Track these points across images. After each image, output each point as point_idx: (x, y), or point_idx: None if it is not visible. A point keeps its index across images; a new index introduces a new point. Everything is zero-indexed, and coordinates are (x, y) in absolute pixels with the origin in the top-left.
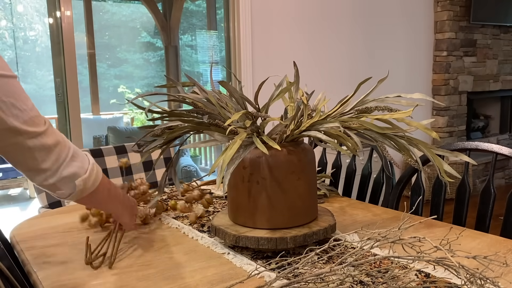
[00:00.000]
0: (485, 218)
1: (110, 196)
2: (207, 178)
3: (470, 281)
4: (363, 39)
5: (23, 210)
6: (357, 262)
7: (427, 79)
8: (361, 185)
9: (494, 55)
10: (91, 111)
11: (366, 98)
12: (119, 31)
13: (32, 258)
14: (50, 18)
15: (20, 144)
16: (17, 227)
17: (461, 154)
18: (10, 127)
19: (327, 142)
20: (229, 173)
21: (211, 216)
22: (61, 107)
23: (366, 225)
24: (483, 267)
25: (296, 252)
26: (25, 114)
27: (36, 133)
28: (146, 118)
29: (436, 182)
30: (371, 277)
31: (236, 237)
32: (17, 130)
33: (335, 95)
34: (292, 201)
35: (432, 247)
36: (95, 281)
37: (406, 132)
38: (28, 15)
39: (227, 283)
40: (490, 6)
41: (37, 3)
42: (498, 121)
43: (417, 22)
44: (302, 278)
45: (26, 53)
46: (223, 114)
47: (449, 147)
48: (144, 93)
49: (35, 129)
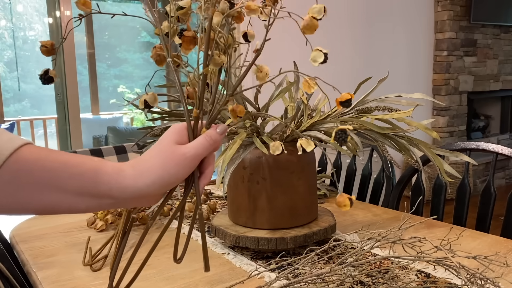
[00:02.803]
0: (486, 218)
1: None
2: None
3: (471, 281)
4: (363, 39)
5: None
6: (357, 263)
7: (428, 79)
8: (361, 185)
9: (495, 55)
10: (90, 111)
11: (366, 98)
12: (118, 31)
13: (31, 258)
14: (50, 18)
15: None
16: (17, 227)
17: (461, 154)
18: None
19: (327, 142)
20: (229, 173)
21: (211, 216)
22: (60, 107)
23: (366, 225)
24: (483, 267)
25: (296, 252)
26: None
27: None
28: (146, 118)
29: (437, 182)
30: (371, 278)
31: (236, 237)
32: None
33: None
34: (292, 201)
35: (432, 247)
36: (94, 281)
37: (406, 132)
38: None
39: (227, 283)
40: (490, 6)
41: (37, 3)
42: (499, 121)
43: (417, 22)
44: (302, 279)
45: (26, 53)
46: (223, 114)
47: (449, 147)
48: (144, 93)
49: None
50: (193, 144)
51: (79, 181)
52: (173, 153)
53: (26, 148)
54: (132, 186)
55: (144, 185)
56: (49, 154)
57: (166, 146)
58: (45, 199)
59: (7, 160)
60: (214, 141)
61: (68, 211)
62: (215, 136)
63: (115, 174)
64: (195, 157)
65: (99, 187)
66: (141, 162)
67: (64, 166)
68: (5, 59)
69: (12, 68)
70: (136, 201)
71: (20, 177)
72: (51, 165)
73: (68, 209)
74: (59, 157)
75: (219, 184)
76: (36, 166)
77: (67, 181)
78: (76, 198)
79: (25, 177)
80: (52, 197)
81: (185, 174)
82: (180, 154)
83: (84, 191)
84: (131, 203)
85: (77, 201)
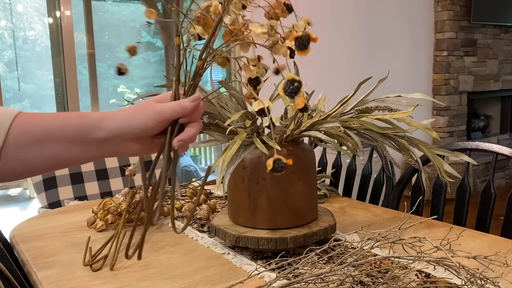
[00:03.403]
0: (486, 218)
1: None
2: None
3: (471, 281)
4: (363, 39)
5: (22, 210)
6: (357, 263)
7: (428, 79)
8: (361, 185)
9: (495, 55)
10: (90, 110)
11: (366, 98)
12: (118, 31)
13: (32, 258)
14: (50, 18)
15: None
16: (17, 227)
17: (461, 154)
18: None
19: (327, 142)
20: (229, 173)
21: (211, 216)
22: (60, 107)
23: (366, 225)
24: (483, 267)
25: (296, 252)
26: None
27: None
28: None
29: (437, 182)
30: (371, 277)
31: (236, 237)
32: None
33: (335, 95)
34: (292, 201)
35: (432, 247)
36: (95, 281)
37: (406, 132)
38: (28, 15)
39: (227, 283)
40: (490, 6)
41: (37, 3)
42: (499, 121)
43: (417, 22)
44: (302, 278)
45: (26, 53)
46: (223, 114)
47: (449, 147)
48: (144, 93)
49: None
50: (164, 104)
51: (69, 130)
52: (147, 105)
53: (21, 114)
54: (111, 125)
55: (118, 124)
56: (40, 115)
57: (145, 101)
58: (43, 152)
59: (11, 126)
60: (182, 106)
61: (64, 162)
62: (184, 102)
63: (97, 118)
64: (161, 113)
65: (86, 131)
66: (122, 109)
67: (54, 120)
68: (5, 59)
69: (12, 68)
70: (119, 145)
71: (21, 137)
72: (43, 122)
73: (64, 159)
74: (48, 115)
75: (219, 184)
76: (32, 126)
77: (58, 132)
78: (68, 147)
79: (25, 137)
80: (49, 149)
81: (152, 126)
82: (150, 106)
83: (74, 138)
84: (116, 147)
85: (70, 150)
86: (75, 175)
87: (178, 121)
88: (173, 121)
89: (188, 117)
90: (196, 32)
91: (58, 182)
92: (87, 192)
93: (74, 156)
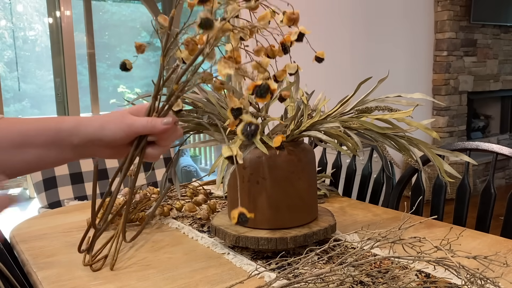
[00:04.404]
0: (486, 218)
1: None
2: (207, 178)
3: (471, 281)
4: (363, 39)
5: (22, 210)
6: (357, 263)
7: (428, 79)
8: (361, 185)
9: (495, 55)
10: (90, 111)
11: (366, 98)
12: (118, 31)
13: (32, 258)
14: (50, 18)
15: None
16: (17, 227)
17: (461, 154)
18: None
19: (327, 142)
20: (229, 173)
21: (211, 216)
22: (60, 107)
23: (366, 225)
24: (483, 267)
25: (296, 252)
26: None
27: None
28: None
29: (437, 182)
30: (371, 277)
31: (236, 237)
32: None
33: (335, 95)
34: (292, 201)
35: (432, 247)
36: (95, 281)
37: (406, 132)
38: (28, 15)
39: (227, 283)
40: (490, 6)
41: (37, 3)
42: (499, 121)
43: (417, 22)
44: (302, 278)
45: (26, 53)
46: (223, 114)
47: (449, 147)
48: (144, 93)
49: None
50: (136, 118)
51: (45, 136)
52: (121, 115)
53: (2, 119)
54: (85, 132)
55: (92, 131)
56: (20, 120)
57: (121, 111)
58: (23, 156)
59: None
60: (153, 125)
61: (43, 164)
62: (156, 121)
63: (72, 124)
64: (131, 126)
65: (61, 136)
66: (97, 116)
67: (31, 126)
68: (5, 59)
69: (12, 68)
70: (93, 150)
71: (1, 143)
72: (22, 127)
73: (42, 162)
74: (28, 120)
75: (219, 184)
76: (11, 132)
77: (35, 137)
78: (46, 151)
79: (5, 142)
80: (29, 153)
81: (121, 137)
82: (123, 117)
83: (50, 143)
84: (90, 151)
85: (48, 154)
86: (75, 175)
87: (147, 137)
88: (142, 135)
89: (158, 137)
90: (181, 56)
91: (58, 182)
92: (87, 192)
93: (52, 159)
